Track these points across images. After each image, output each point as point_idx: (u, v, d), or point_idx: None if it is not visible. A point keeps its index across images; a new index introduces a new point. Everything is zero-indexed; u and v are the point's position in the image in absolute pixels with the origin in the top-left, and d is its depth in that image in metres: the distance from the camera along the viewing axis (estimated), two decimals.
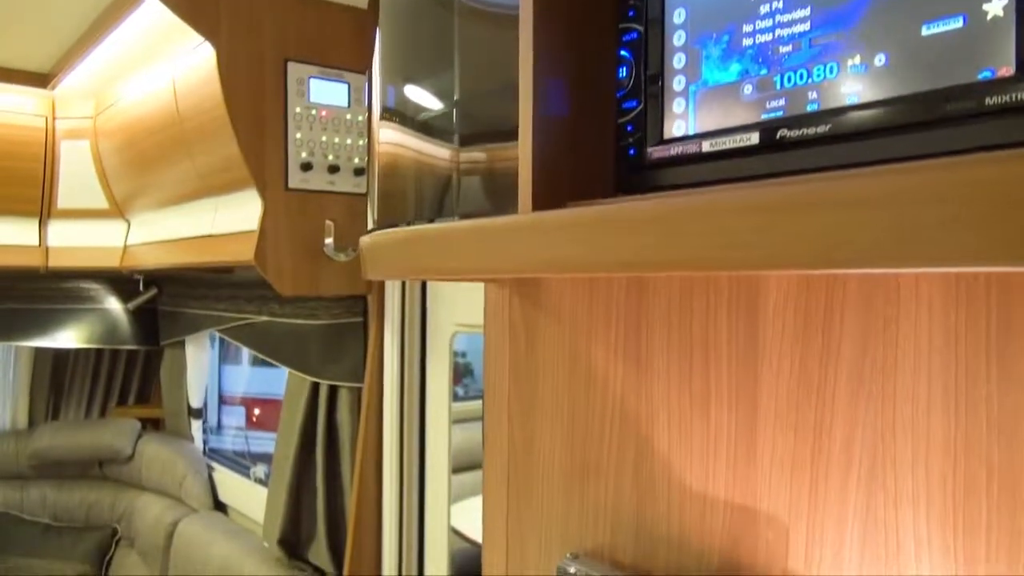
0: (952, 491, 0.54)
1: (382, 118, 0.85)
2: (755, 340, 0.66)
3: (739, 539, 0.66)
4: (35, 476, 2.83)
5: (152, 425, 2.97)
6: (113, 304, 2.84)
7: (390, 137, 0.83)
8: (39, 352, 2.97)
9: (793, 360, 0.63)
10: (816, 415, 0.61)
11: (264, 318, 2.16)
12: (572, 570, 0.78)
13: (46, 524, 2.75)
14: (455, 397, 1.76)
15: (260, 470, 2.47)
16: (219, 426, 3.16)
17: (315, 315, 1.95)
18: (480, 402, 0.95)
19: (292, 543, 2.00)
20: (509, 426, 0.88)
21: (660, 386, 0.73)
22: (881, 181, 0.31)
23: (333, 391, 1.94)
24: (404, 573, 1.80)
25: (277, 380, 2.79)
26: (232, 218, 1.77)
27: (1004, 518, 0.51)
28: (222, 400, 3.38)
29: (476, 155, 0.75)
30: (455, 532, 1.80)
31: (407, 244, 0.54)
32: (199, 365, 2.78)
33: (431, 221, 0.70)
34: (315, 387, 1.97)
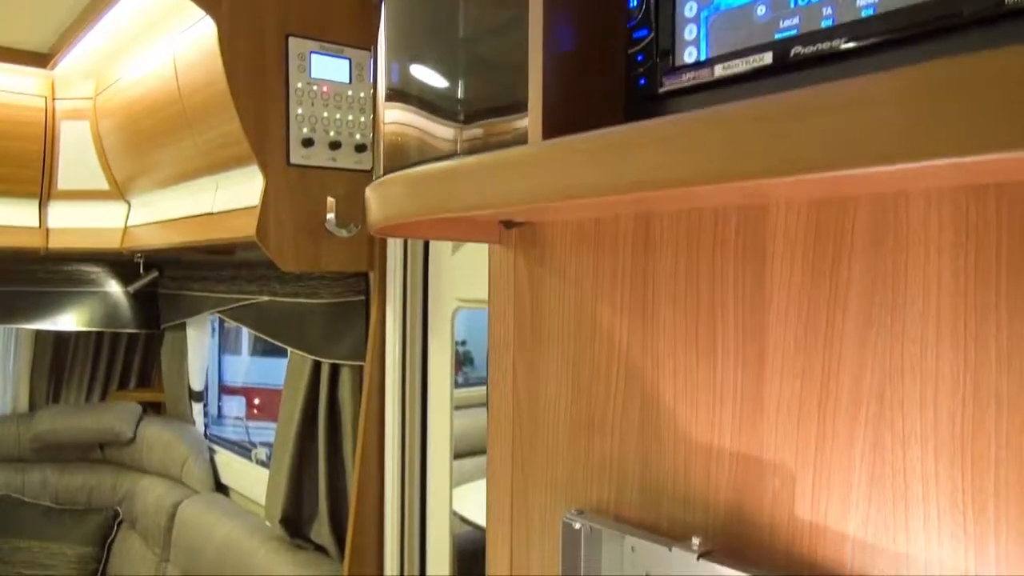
0: (960, 429, 0.54)
1: (387, 97, 0.84)
2: (762, 289, 0.65)
3: (745, 490, 0.66)
4: (36, 459, 2.83)
5: (153, 409, 2.97)
6: (113, 287, 2.83)
7: (395, 116, 0.82)
8: (40, 336, 2.97)
9: (800, 307, 0.63)
10: (823, 360, 0.61)
11: (265, 298, 2.16)
12: (577, 525, 0.78)
13: (47, 507, 2.75)
14: (455, 384, 1.76)
15: (262, 452, 2.47)
16: (220, 415, 3.16)
17: (317, 294, 1.94)
18: (481, 388, 0.96)
19: (294, 522, 2.00)
20: (514, 383, 0.88)
21: (666, 340, 0.73)
22: (892, 78, 0.30)
23: (335, 370, 1.94)
24: (406, 552, 1.80)
25: (277, 370, 2.79)
26: (233, 195, 1.76)
27: (1013, 451, 0.51)
28: (222, 390, 3.38)
29: (479, 131, 0.75)
30: (457, 516, 1.80)
31: (417, 182, 0.53)
32: (200, 348, 2.78)
33: None
34: (316, 367, 1.97)
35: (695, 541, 0.65)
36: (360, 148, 1.72)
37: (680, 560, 0.66)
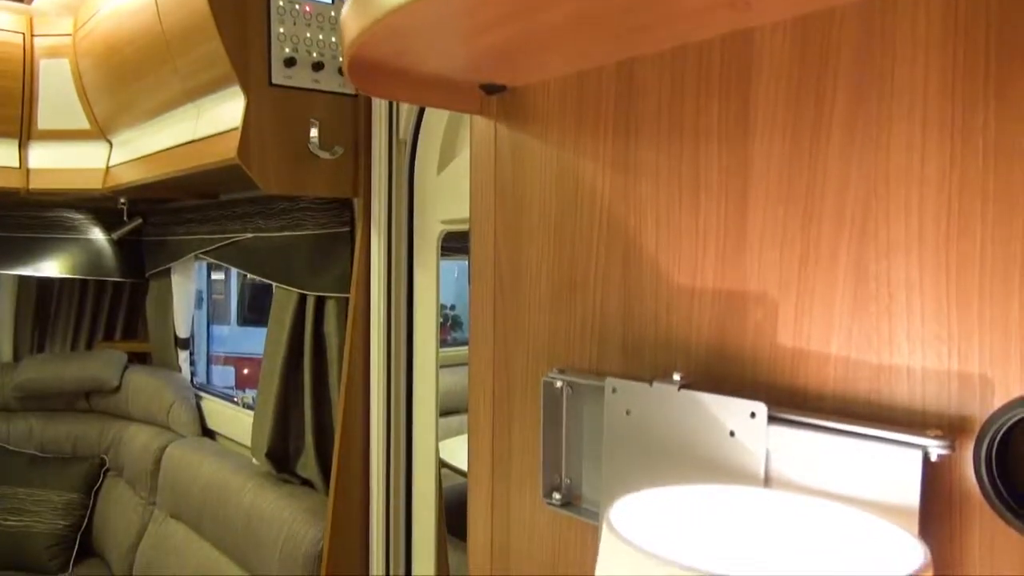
0: (946, 231, 0.52)
1: None
2: (745, 120, 0.64)
3: (727, 326, 0.65)
4: (20, 408, 2.81)
5: (139, 360, 2.94)
6: (97, 235, 2.80)
7: None
8: (23, 285, 2.93)
9: (785, 131, 0.61)
10: (807, 181, 0.60)
11: (250, 235, 2.13)
12: (558, 383, 0.77)
13: (32, 455, 2.73)
14: (442, 344, 1.74)
15: (248, 396, 2.45)
16: (208, 382, 3.13)
17: (301, 225, 1.92)
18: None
19: (280, 457, 1.99)
20: (495, 254, 0.86)
21: (649, 187, 0.71)
22: None
23: (320, 304, 1.92)
24: (392, 484, 1.79)
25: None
26: (214, 119, 1.73)
27: (999, 247, 0.50)
28: (211, 360, 3.35)
29: None
30: (444, 464, 1.79)
31: None
32: (185, 295, 2.75)
33: None
34: (302, 300, 1.95)
35: (676, 375, 0.64)
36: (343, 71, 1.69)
37: (661, 394, 0.65)
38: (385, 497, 1.78)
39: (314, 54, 1.66)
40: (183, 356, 2.76)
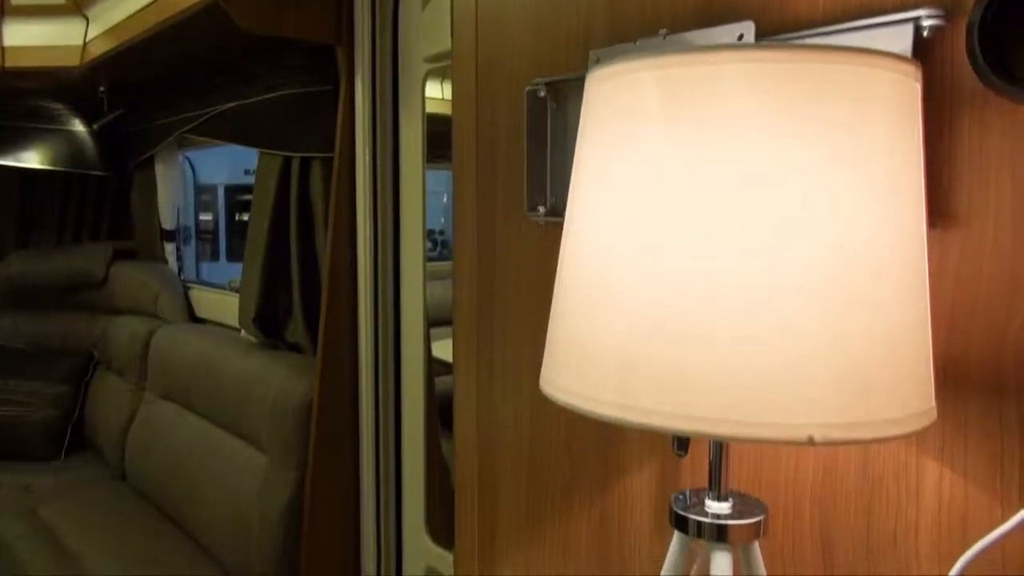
0: None
1: None
2: None
3: None
4: (7, 304, 2.79)
5: (126, 258, 2.91)
6: (78, 126, 2.74)
7: None
8: (4, 181, 2.88)
9: None
10: None
11: (232, 104, 2.09)
12: (542, 93, 0.75)
13: (21, 349, 2.72)
14: (430, 258, 1.71)
15: (237, 280, 2.43)
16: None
17: (285, 84, 1.88)
18: None
19: (268, 323, 1.98)
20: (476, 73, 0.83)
21: None
22: None
23: (305, 169, 1.89)
24: (380, 341, 1.78)
25: None
26: None
27: None
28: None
29: None
30: (436, 360, 1.77)
31: None
32: (170, 185, 2.71)
33: None
34: (287, 166, 1.91)
35: (662, 30, 0.62)
36: None
37: (647, 49, 0.62)
38: (374, 354, 1.77)
39: None
40: (169, 248, 2.73)
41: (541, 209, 0.75)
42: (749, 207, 0.43)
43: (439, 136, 1.66)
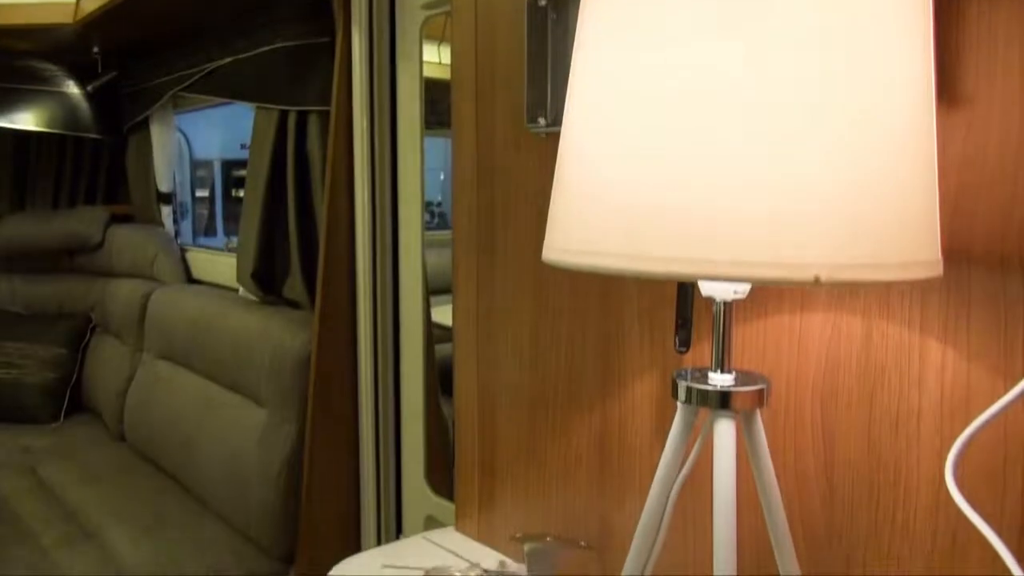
0: None
1: None
2: None
3: None
4: (3, 268, 2.78)
5: (123, 221, 2.90)
6: (72, 88, 2.71)
7: None
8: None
9: None
10: None
11: (228, 59, 2.07)
12: (542, 3, 0.74)
13: (17, 313, 2.71)
14: (428, 227, 1.70)
15: (235, 241, 2.42)
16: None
17: (281, 36, 1.86)
18: None
19: (266, 279, 1.97)
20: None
21: None
22: None
23: (302, 123, 1.87)
24: (379, 297, 1.78)
25: None
26: None
27: None
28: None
29: None
30: (435, 325, 1.76)
31: None
32: (165, 147, 2.69)
33: None
34: (283, 121, 1.90)
35: None
36: None
37: None
38: (372, 310, 1.77)
39: None
40: (166, 211, 2.72)
41: (542, 121, 0.74)
42: (762, 60, 0.43)
43: (436, 104, 1.66)
